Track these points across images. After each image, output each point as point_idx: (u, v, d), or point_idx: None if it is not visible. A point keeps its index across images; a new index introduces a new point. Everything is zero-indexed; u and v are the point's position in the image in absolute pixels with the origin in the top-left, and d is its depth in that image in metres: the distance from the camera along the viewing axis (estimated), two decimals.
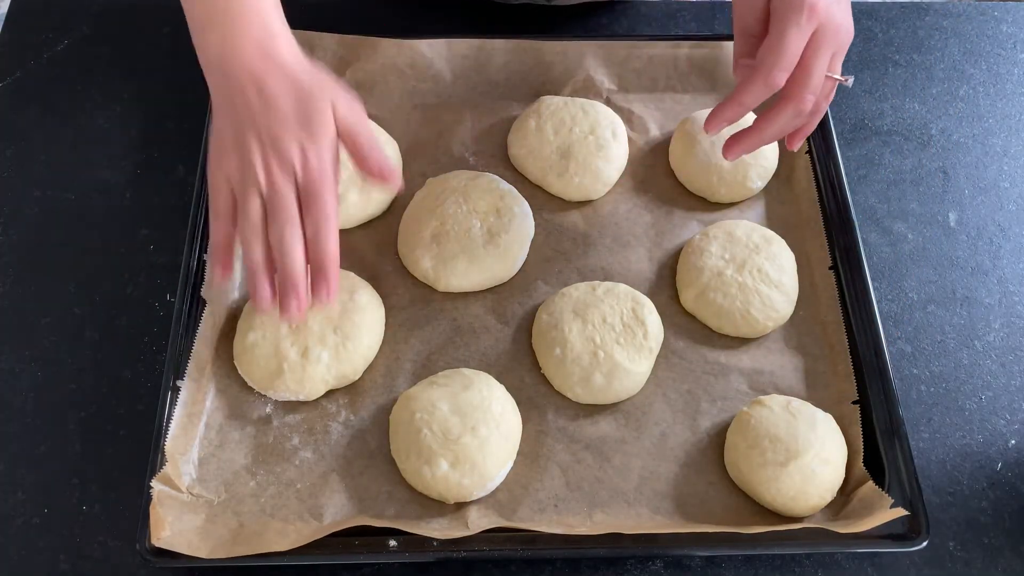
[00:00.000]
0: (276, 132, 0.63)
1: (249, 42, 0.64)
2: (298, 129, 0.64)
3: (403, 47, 0.81)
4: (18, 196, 0.79)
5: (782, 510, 0.64)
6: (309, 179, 0.63)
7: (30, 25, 0.89)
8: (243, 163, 0.63)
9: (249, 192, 0.63)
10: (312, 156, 0.64)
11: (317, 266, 0.63)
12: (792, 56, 0.61)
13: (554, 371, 0.68)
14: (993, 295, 0.76)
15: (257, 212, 0.63)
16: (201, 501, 0.63)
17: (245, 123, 0.63)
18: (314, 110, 0.64)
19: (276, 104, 0.63)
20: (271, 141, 0.63)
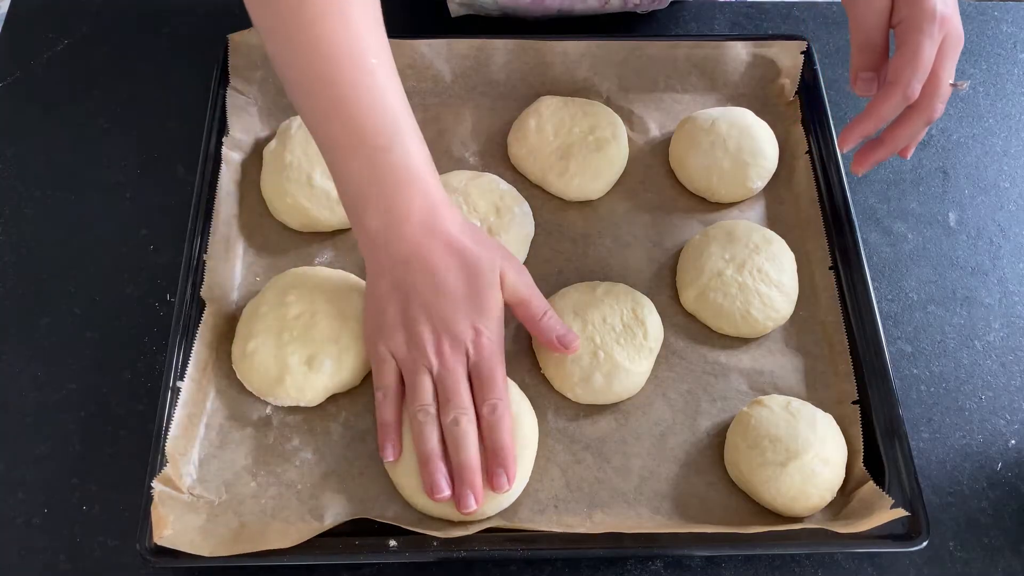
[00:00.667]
0: (447, 313, 0.63)
1: (414, 218, 0.62)
2: (469, 308, 0.63)
3: (403, 47, 0.81)
4: (18, 196, 0.79)
5: (782, 510, 0.64)
6: (482, 359, 0.63)
7: (30, 25, 0.89)
8: (412, 341, 0.63)
9: (420, 372, 0.63)
10: (484, 336, 0.63)
11: (495, 454, 0.62)
12: (927, 68, 0.62)
13: (554, 371, 0.68)
14: (993, 295, 0.76)
15: (430, 395, 0.63)
16: (202, 502, 0.63)
17: (412, 301, 0.63)
18: (484, 285, 0.63)
19: (446, 284, 0.63)
20: (442, 322, 0.63)
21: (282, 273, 0.71)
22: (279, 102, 0.82)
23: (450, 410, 0.62)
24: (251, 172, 0.78)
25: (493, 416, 0.62)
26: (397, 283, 0.63)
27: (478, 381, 0.63)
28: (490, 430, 0.62)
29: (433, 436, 0.62)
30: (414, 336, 0.63)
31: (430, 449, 0.62)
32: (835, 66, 0.89)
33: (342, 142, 0.62)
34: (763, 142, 0.79)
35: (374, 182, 0.62)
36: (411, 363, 0.63)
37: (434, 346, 0.63)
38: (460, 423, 0.62)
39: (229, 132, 0.78)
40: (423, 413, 0.62)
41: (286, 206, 0.75)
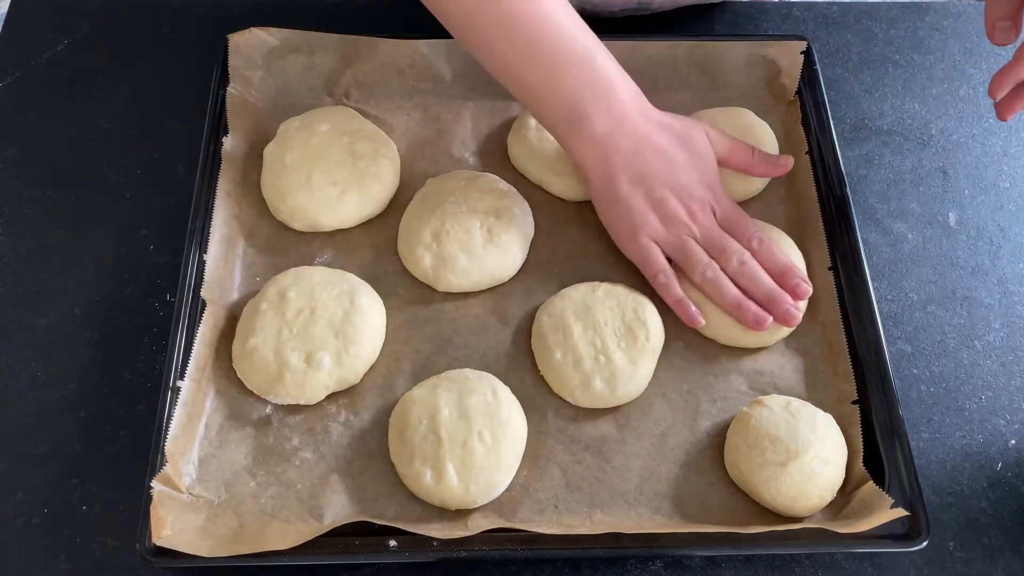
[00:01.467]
0: (684, 180, 0.70)
1: (631, 111, 0.70)
2: (699, 171, 0.71)
3: (403, 47, 0.81)
4: (18, 196, 0.79)
5: (782, 510, 0.64)
6: (726, 208, 0.71)
7: (30, 25, 0.89)
8: (668, 218, 0.70)
9: (687, 242, 0.70)
10: (717, 188, 0.72)
11: (783, 273, 0.69)
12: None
13: (554, 375, 0.68)
14: (993, 295, 0.76)
15: (706, 256, 0.70)
16: (201, 501, 0.63)
17: (654, 184, 0.69)
18: (701, 148, 0.72)
19: (676, 158, 0.70)
20: (685, 192, 0.70)
21: (282, 272, 0.71)
22: (279, 102, 0.82)
23: (731, 257, 0.69)
24: (251, 172, 0.78)
25: (762, 246, 0.70)
26: (634, 175, 0.69)
27: (732, 225, 0.71)
28: (766, 257, 0.70)
29: (731, 284, 0.69)
30: (667, 213, 0.69)
31: (735, 295, 0.69)
32: (835, 66, 0.89)
33: (546, 71, 0.69)
34: (763, 142, 0.79)
35: (591, 90, 0.69)
36: (675, 238, 0.70)
37: (688, 214, 0.70)
38: (746, 262, 0.69)
39: (229, 132, 0.78)
40: (711, 271, 0.69)
41: (286, 206, 0.75)
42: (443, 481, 0.62)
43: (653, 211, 0.70)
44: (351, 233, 0.76)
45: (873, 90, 0.88)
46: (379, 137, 0.78)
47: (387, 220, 0.77)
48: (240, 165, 0.78)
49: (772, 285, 0.69)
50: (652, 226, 0.70)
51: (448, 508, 0.63)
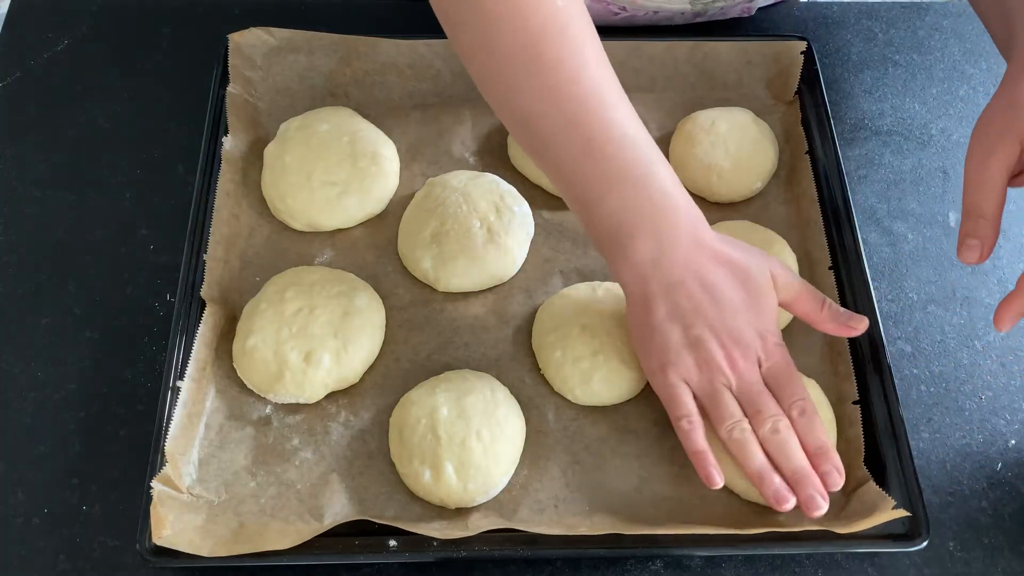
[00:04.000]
0: (732, 324, 0.62)
1: (683, 240, 0.62)
2: (751, 315, 0.63)
3: (403, 47, 0.81)
4: (18, 196, 0.79)
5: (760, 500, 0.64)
6: (775, 363, 0.63)
7: (30, 25, 0.89)
8: (704, 361, 0.62)
9: (720, 390, 0.62)
10: (771, 339, 0.63)
11: (819, 454, 0.62)
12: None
13: (554, 373, 0.68)
14: (993, 295, 0.76)
15: (738, 410, 0.62)
16: (201, 501, 0.63)
17: (695, 321, 0.62)
18: (760, 289, 0.63)
19: (724, 296, 0.62)
20: (729, 335, 0.62)
21: (282, 272, 0.71)
22: (279, 102, 0.82)
23: (764, 420, 0.61)
24: (251, 172, 0.78)
25: (804, 417, 0.62)
26: (674, 307, 0.62)
27: (777, 384, 0.63)
28: (806, 431, 0.62)
29: (758, 450, 0.61)
30: (704, 355, 0.62)
31: (760, 463, 0.61)
32: (835, 66, 0.89)
33: (599, 180, 0.62)
34: (763, 142, 0.79)
35: (639, 212, 0.62)
36: (708, 384, 0.62)
37: (727, 361, 0.62)
38: (780, 430, 0.61)
39: (229, 132, 0.78)
40: (738, 430, 0.61)
41: (286, 206, 0.75)
42: (441, 480, 0.62)
43: (689, 350, 0.62)
44: (351, 233, 0.76)
45: (873, 90, 0.88)
46: (379, 137, 0.79)
47: (387, 220, 0.77)
48: (240, 165, 0.78)
49: (803, 464, 0.61)
50: (685, 365, 0.62)
51: (447, 507, 0.63)
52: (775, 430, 0.61)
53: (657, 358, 0.63)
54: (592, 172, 0.62)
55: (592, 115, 0.62)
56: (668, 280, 0.62)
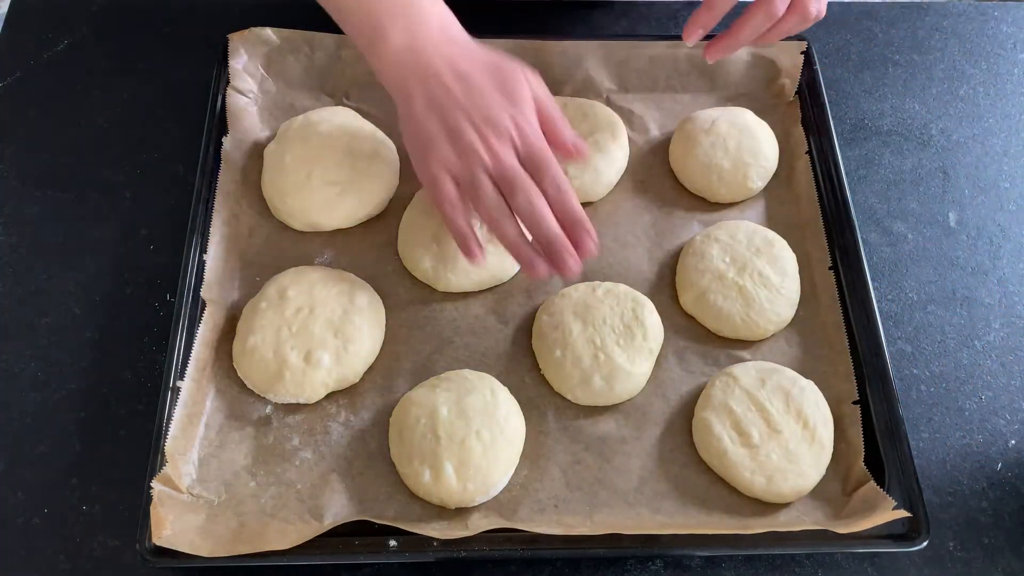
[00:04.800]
0: (485, 110, 0.64)
1: (434, 30, 0.66)
2: (505, 102, 0.65)
3: None
4: (18, 196, 0.79)
5: (761, 495, 0.64)
6: (530, 146, 0.65)
7: (30, 25, 0.89)
8: (461, 148, 0.64)
9: (478, 174, 0.64)
10: (524, 124, 0.65)
11: (573, 224, 0.65)
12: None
13: (554, 373, 0.68)
14: (993, 295, 0.76)
15: (494, 191, 0.64)
16: (201, 501, 0.63)
17: (450, 109, 0.64)
18: (514, 80, 0.66)
19: (478, 83, 0.65)
20: (483, 119, 0.64)
21: (282, 272, 0.71)
22: (279, 102, 0.82)
23: (518, 193, 0.64)
24: (251, 172, 0.78)
25: (559, 192, 0.64)
26: (431, 97, 0.65)
27: (532, 165, 0.65)
28: (560, 204, 0.64)
29: (512, 224, 0.65)
30: (461, 141, 0.64)
31: (514, 236, 0.65)
32: (835, 66, 0.89)
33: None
34: (763, 142, 0.79)
35: (390, 8, 0.65)
36: (465, 168, 0.65)
37: (483, 144, 0.64)
38: (533, 202, 0.64)
39: (229, 132, 0.78)
40: (495, 209, 0.64)
41: (286, 206, 0.75)
42: (441, 479, 0.62)
43: (447, 139, 0.65)
44: (351, 233, 0.76)
45: (873, 90, 0.88)
46: (379, 137, 0.79)
47: (387, 220, 0.77)
48: (240, 165, 0.78)
49: (556, 231, 0.64)
50: (443, 154, 0.65)
51: (447, 506, 0.63)
52: (529, 202, 0.64)
53: (419, 150, 0.66)
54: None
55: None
56: (423, 72, 0.65)
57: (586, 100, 0.81)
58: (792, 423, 0.65)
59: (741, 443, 0.64)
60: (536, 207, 0.64)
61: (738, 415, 0.65)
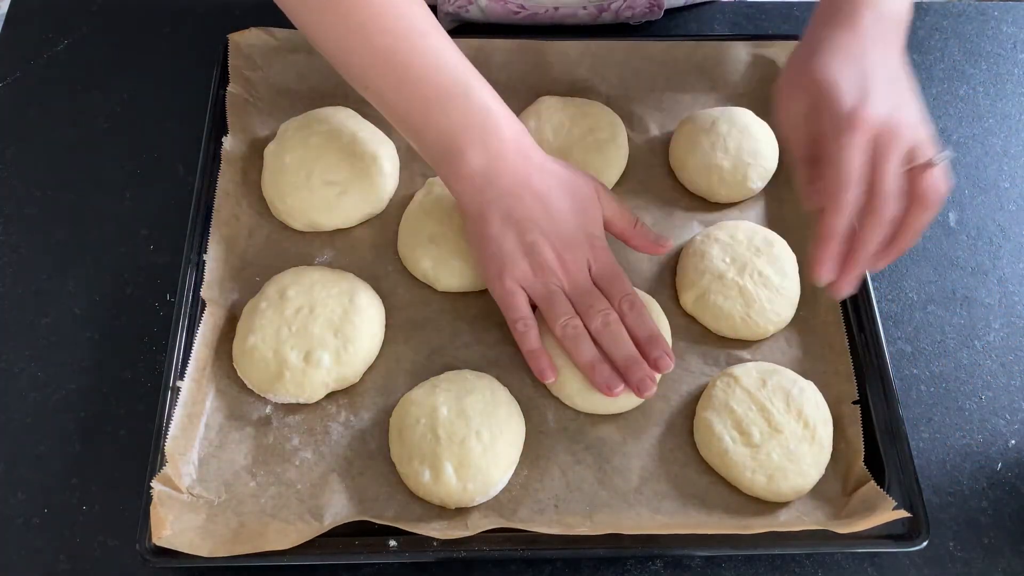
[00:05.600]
0: (563, 230, 0.66)
1: (510, 148, 0.66)
2: (580, 221, 0.67)
3: None
4: (18, 196, 0.79)
5: (763, 494, 0.64)
6: (603, 264, 0.68)
7: (30, 25, 0.89)
8: (538, 265, 0.66)
9: (555, 293, 0.66)
10: (598, 243, 0.68)
11: (649, 341, 0.66)
12: (855, 173, 0.59)
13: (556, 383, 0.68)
14: (993, 295, 0.76)
15: (571, 310, 0.66)
16: (201, 501, 0.63)
17: (528, 228, 0.66)
18: (586, 197, 0.68)
19: (555, 204, 0.66)
20: (560, 240, 0.66)
21: (282, 272, 0.71)
22: (279, 102, 0.82)
23: (595, 315, 0.66)
24: (251, 172, 0.78)
25: (632, 310, 0.67)
26: (508, 215, 0.66)
27: (606, 283, 0.67)
28: (634, 323, 0.67)
29: (589, 343, 0.66)
30: (538, 259, 0.66)
31: (592, 355, 0.66)
32: None
33: (420, 103, 0.65)
34: (763, 142, 0.79)
35: (465, 127, 0.65)
36: (542, 286, 0.66)
37: (559, 263, 0.66)
38: (610, 323, 0.66)
39: (229, 132, 0.78)
40: (571, 327, 0.66)
41: (286, 206, 0.75)
42: (441, 479, 0.62)
43: (524, 255, 0.66)
44: (351, 233, 0.76)
45: None
46: (379, 137, 0.79)
47: (387, 220, 0.77)
48: (240, 165, 0.78)
49: (632, 352, 0.66)
50: (520, 269, 0.66)
51: (447, 506, 0.63)
52: (605, 323, 0.66)
53: (494, 266, 0.67)
54: (413, 97, 0.65)
55: (403, 44, 0.65)
56: (500, 189, 0.66)
57: (586, 100, 0.81)
58: (793, 423, 0.65)
59: (742, 442, 0.64)
60: (612, 328, 0.66)
61: (739, 415, 0.65)
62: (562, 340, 0.66)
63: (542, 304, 0.67)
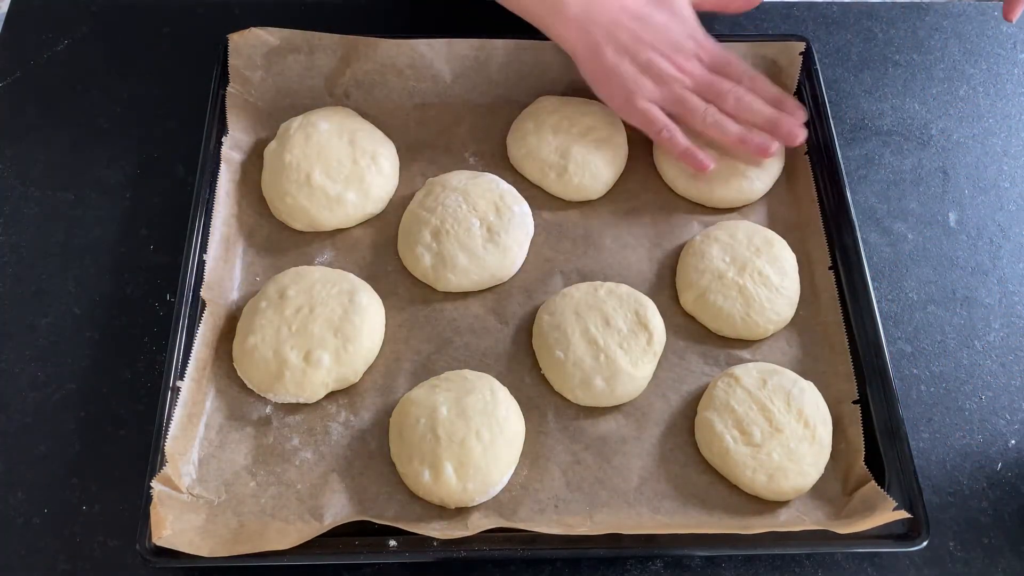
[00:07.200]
0: (668, 39, 0.73)
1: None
2: (679, 26, 0.74)
3: (403, 47, 0.81)
4: (18, 196, 0.79)
5: (763, 493, 0.64)
6: (713, 52, 0.74)
7: (30, 25, 0.89)
8: (659, 77, 0.73)
9: (683, 94, 0.73)
10: (701, 37, 0.75)
11: (776, 99, 0.74)
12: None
13: (555, 373, 0.68)
14: (993, 295, 0.76)
15: (703, 103, 0.73)
16: (201, 501, 0.63)
17: (639, 49, 0.72)
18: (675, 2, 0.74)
19: (653, 18, 0.73)
20: (670, 47, 0.73)
21: (282, 272, 0.71)
22: (279, 102, 0.82)
23: (727, 96, 0.73)
24: (251, 172, 0.78)
25: (754, 79, 0.74)
26: (616, 44, 0.72)
27: (721, 67, 0.74)
28: (761, 89, 0.74)
29: (731, 122, 0.73)
30: (657, 72, 0.72)
31: (738, 130, 0.73)
32: (835, 66, 0.89)
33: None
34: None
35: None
36: (671, 93, 0.73)
37: (676, 68, 0.73)
38: (742, 97, 0.73)
39: (229, 132, 0.78)
40: (711, 115, 0.73)
41: (286, 206, 0.75)
42: (441, 479, 0.62)
43: (643, 74, 0.72)
44: (351, 233, 0.76)
45: (873, 90, 0.88)
46: (379, 137, 0.79)
47: (387, 220, 0.77)
48: (240, 165, 0.78)
49: (772, 111, 0.73)
50: (646, 88, 0.73)
51: (447, 506, 0.63)
52: (738, 99, 0.73)
53: (621, 93, 0.74)
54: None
55: None
56: (603, 22, 0.72)
57: (586, 100, 0.81)
58: (793, 422, 0.65)
59: (743, 442, 0.64)
60: (745, 99, 0.73)
61: (740, 414, 0.65)
62: (705, 131, 0.73)
63: (676, 108, 0.73)
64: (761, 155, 0.73)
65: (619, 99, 0.74)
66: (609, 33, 0.72)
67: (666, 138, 0.73)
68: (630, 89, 0.73)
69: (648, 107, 0.73)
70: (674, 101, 0.73)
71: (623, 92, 0.73)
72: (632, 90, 0.73)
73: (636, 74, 0.72)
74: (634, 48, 0.72)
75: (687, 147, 0.73)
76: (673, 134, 0.73)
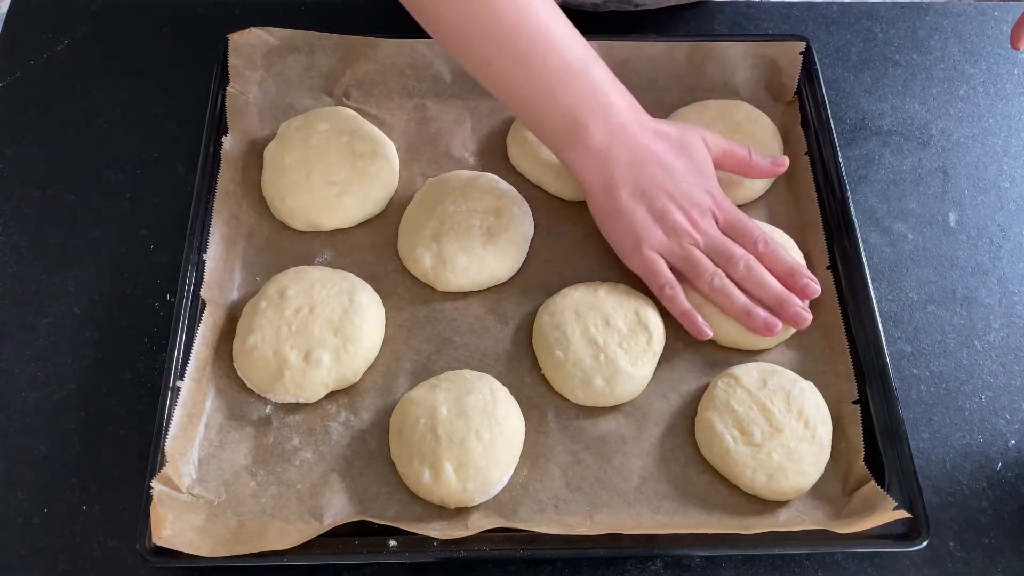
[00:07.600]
0: (685, 189, 0.69)
1: (628, 121, 0.69)
2: (698, 179, 0.70)
3: (403, 47, 0.81)
4: (18, 196, 0.79)
5: (763, 493, 0.64)
6: (728, 214, 0.70)
7: (30, 25, 0.89)
8: (671, 229, 0.69)
9: (692, 252, 0.69)
10: (717, 193, 0.71)
11: (791, 274, 0.69)
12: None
13: (554, 373, 0.68)
14: (993, 295, 0.76)
15: (711, 265, 0.69)
16: (201, 501, 0.63)
17: (655, 196, 0.69)
18: (699, 154, 0.71)
19: (675, 167, 0.70)
20: (686, 200, 0.69)
21: (282, 272, 0.71)
22: (279, 102, 0.82)
23: (737, 263, 0.69)
24: (251, 172, 0.78)
25: (768, 249, 0.69)
26: (634, 186, 0.69)
27: (735, 230, 0.70)
28: (772, 260, 0.69)
29: (737, 291, 0.69)
30: (670, 224, 0.69)
31: (743, 302, 0.68)
32: (835, 66, 0.89)
33: (544, 80, 0.68)
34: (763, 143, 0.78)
35: (587, 103, 0.68)
36: (679, 248, 0.69)
37: (690, 223, 0.69)
38: (752, 268, 0.69)
39: (229, 132, 0.78)
40: (717, 279, 0.69)
41: (286, 206, 0.75)
42: (441, 479, 0.62)
43: (656, 222, 0.69)
44: (351, 233, 0.76)
45: (873, 90, 0.88)
46: (378, 137, 0.79)
47: (387, 220, 0.77)
48: (240, 165, 0.78)
49: (780, 289, 0.68)
50: (656, 238, 0.69)
51: (447, 506, 0.63)
52: (748, 268, 0.69)
53: (629, 237, 0.70)
54: (535, 73, 0.67)
55: (531, 19, 0.67)
56: (624, 162, 0.69)
57: None
58: (793, 422, 0.65)
59: (743, 442, 0.64)
60: (755, 271, 0.68)
61: (740, 414, 0.65)
62: (710, 295, 0.69)
63: (683, 266, 0.69)
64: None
65: (626, 244, 0.70)
66: (628, 173, 0.69)
67: (668, 295, 0.69)
68: (640, 235, 0.69)
69: (655, 258, 0.69)
70: (682, 257, 0.69)
71: (632, 237, 0.69)
72: (642, 237, 0.69)
73: (649, 221, 0.69)
74: (651, 194, 0.69)
75: (688, 310, 0.69)
76: (676, 292, 0.69)
